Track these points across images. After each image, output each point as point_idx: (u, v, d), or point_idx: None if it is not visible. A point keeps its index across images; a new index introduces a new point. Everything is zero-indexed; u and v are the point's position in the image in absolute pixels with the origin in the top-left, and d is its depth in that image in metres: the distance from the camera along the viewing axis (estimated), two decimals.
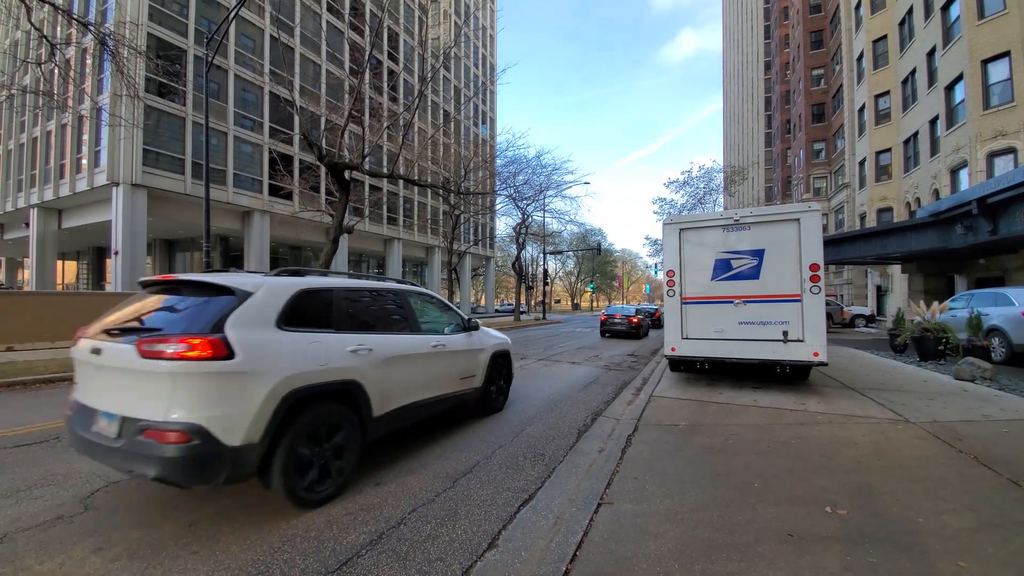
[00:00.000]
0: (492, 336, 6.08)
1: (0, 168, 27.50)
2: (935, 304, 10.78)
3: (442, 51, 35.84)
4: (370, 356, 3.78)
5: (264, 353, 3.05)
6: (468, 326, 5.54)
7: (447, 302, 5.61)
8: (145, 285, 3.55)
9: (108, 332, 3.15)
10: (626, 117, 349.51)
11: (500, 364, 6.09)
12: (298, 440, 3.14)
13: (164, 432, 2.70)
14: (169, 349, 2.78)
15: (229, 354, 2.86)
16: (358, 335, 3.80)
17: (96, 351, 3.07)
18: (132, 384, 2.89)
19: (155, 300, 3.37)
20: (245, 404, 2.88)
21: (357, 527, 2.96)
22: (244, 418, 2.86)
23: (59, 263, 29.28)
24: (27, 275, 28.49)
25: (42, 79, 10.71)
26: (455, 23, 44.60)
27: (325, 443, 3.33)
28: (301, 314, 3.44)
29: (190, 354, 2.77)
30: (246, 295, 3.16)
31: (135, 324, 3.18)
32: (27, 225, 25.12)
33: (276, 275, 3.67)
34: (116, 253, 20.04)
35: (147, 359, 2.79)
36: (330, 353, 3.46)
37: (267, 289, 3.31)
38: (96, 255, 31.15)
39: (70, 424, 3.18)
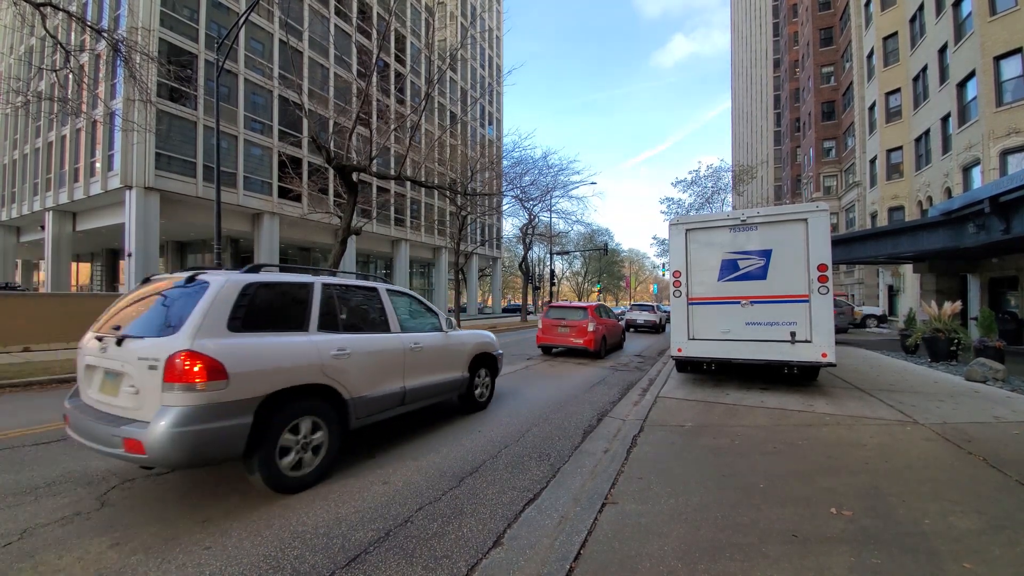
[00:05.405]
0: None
1: (17, 172, 28.06)
2: (947, 304, 10.64)
3: (449, 53, 35.94)
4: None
5: None
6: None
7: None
8: None
9: None
10: (633, 117, 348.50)
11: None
12: None
13: None
14: None
15: None
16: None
17: None
18: None
19: None
20: None
21: (365, 524, 3.01)
22: None
23: (74, 265, 29.80)
24: (42, 277, 29.05)
25: (57, 85, 10.92)
26: (462, 25, 44.68)
27: None
28: None
29: None
30: None
31: None
32: (43, 228, 25.59)
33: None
34: (129, 255, 20.36)
35: None
36: None
37: None
38: (110, 257, 31.65)
39: None
